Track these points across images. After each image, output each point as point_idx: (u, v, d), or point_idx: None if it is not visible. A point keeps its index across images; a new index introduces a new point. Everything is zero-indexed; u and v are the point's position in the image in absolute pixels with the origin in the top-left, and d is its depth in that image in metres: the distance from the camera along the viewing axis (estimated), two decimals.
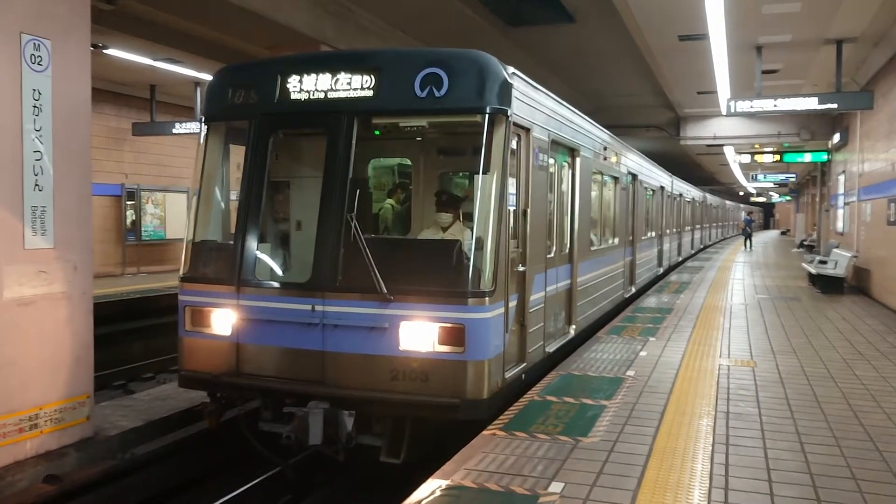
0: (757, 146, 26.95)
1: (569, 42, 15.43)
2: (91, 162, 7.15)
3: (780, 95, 14.96)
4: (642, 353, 8.83)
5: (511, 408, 6.38)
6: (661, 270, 19.69)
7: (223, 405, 6.82)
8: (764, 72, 15.32)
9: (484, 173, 6.05)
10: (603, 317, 11.24)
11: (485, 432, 5.69)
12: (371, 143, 8.45)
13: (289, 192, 7.98)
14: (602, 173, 11.15)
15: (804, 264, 19.48)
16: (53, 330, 6.70)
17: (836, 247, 18.60)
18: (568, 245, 8.96)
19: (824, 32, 13.54)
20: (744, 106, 14.94)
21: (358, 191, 6.28)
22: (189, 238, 6.93)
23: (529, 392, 6.92)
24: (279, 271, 7.31)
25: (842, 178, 21.39)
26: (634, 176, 14.49)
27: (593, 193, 10.47)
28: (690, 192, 28.37)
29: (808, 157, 25.88)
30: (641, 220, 15.85)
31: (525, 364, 6.94)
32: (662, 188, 19.42)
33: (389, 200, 9.22)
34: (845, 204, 20.54)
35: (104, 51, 14.08)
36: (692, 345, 9.51)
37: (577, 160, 9.17)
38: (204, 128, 7.04)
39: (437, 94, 6.12)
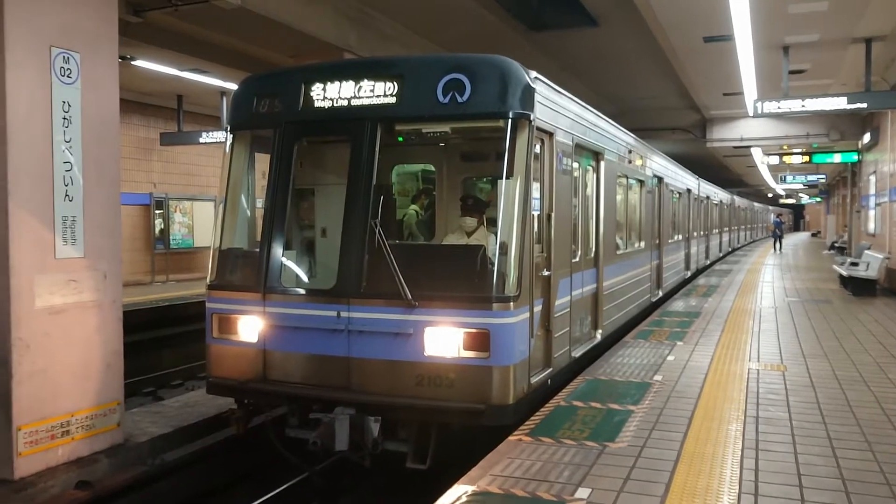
0: (785, 147, 26.61)
1: (592, 46, 15.37)
2: (120, 172, 7.26)
3: (808, 95, 14.77)
4: (670, 358, 8.75)
5: (537, 413, 6.35)
6: (689, 274, 19.48)
7: (250, 411, 6.87)
8: (791, 72, 15.14)
9: (507, 178, 6.04)
10: (630, 321, 11.14)
11: (511, 438, 5.66)
12: (395, 150, 8.46)
13: (313, 200, 8.03)
14: (627, 177, 11.07)
15: (835, 266, 19.19)
16: (84, 338, 6.80)
17: (868, 248, 18.29)
18: (593, 249, 8.89)
19: (853, 31, 13.35)
20: (771, 107, 14.77)
21: (382, 197, 6.32)
22: (216, 246, 6.99)
23: (556, 397, 6.88)
24: (305, 278, 7.35)
25: (873, 178, 21.06)
26: (660, 179, 14.34)
27: (618, 197, 10.40)
28: (718, 194, 28.00)
29: (837, 158, 25.53)
30: (668, 223, 15.69)
31: (551, 369, 6.90)
32: (689, 191, 19.23)
33: (413, 206, 9.23)
34: (877, 205, 20.20)
35: (132, 62, 14.28)
36: (721, 349, 9.40)
37: (602, 164, 9.10)
38: (229, 136, 7.11)
39: (459, 99, 6.13)
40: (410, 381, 5.96)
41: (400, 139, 7.40)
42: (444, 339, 5.90)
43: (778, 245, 36.99)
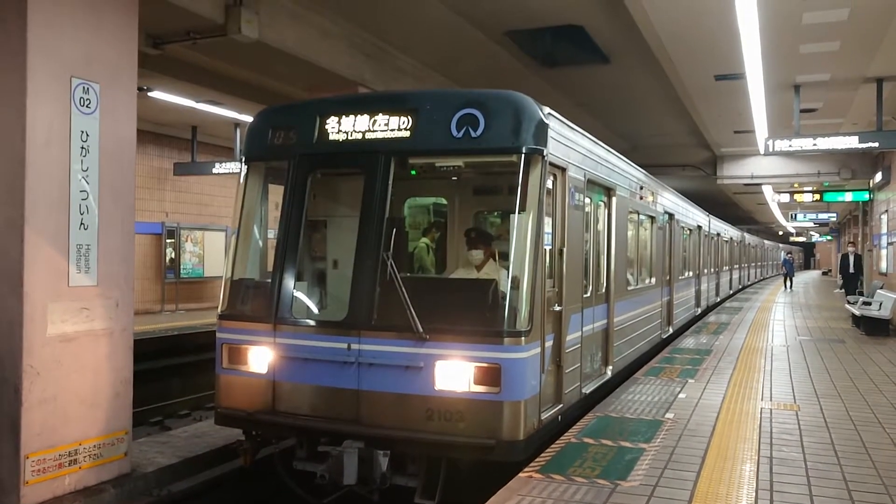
0: (796, 185, 26.62)
1: (604, 82, 15.48)
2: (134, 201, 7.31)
3: (819, 134, 14.82)
4: (681, 395, 8.66)
5: (548, 450, 6.28)
6: (699, 311, 19.36)
7: (258, 443, 6.84)
8: (802, 110, 15.20)
9: (520, 213, 6.04)
10: (640, 357, 11.06)
11: (521, 474, 5.60)
12: (407, 183, 8.53)
13: (326, 231, 8.07)
14: (638, 212, 11.08)
15: (847, 305, 19.04)
16: (94, 366, 6.79)
17: (881, 287, 18.16)
18: (605, 285, 8.85)
19: (864, 71, 13.42)
20: (782, 145, 14.82)
21: (394, 230, 6.35)
22: (227, 276, 7.02)
23: (566, 434, 6.81)
24: (315, 310, 7.34)
25: (885, 217, 21.00)
26: (671, 215, 14.34)
27: (629, 233, 10.40)
28: (728, 231, 27.99)
29: (849, 197, 25.53)
30: (678, 259, 15.64)
31: (562, 405, 6.85)
32: (699, 227, 19.20)
33: (424, 239, 9.24)
34: (889, 244, 20.11)
35: (149, 93, 14.47)
36: (733, 387, 9.30)
37: (613, 199, 9.11)
38: (244, 167, 7.17)
39: (473, 134, 6.16)
40: (420, 414, 5.92)
41: (413, 172, 7.44)
42: (455, 373, 5.87)
43: (788, 283, 36.80)
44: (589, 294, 8.01)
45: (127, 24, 7.09)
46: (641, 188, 11.16)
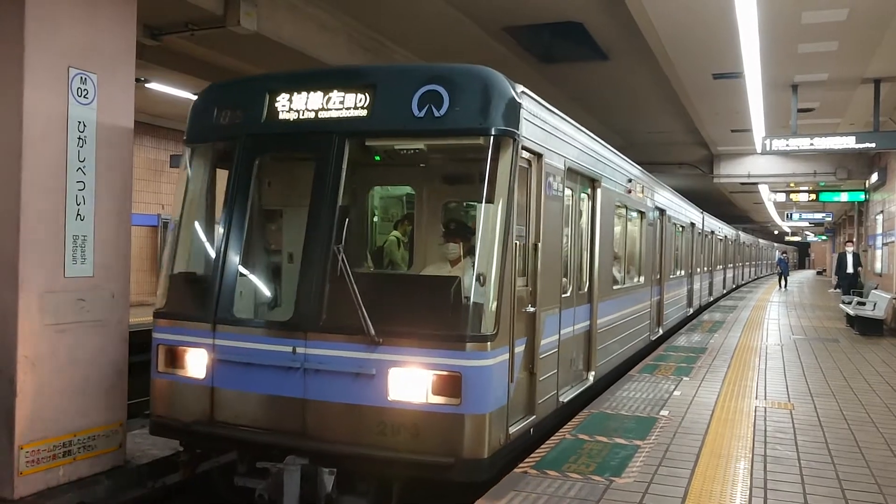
0: (792, 185, 26.71)
1: (602, 79, 15.49)
2: (132, 193, 7.28)
3: (816, 134, 14.88)
4: (676, 393, 8.69)
5: (543, 446, 6.28)
6: (692, 311, 19.04)
7: (199, 455, 6.25)
8: (800, 110, 15.25)
9: (487, 202, 5.43)
10: (627, 361, 10.56)
11: (516, 470, 5.61)
12: (372, 170, 7.87)
13: (280, 222, 7.46)
14: (626, 207, 10.50)
15: (842, 305, 19.10)
16: (89, 357, 6.77)
17: (875, 287, 18.23)
18: (587, 283, 8.29)
19: (862, 72, 13.45)
20: (779, 144, 14.87)
21: (347, 220, 5.69)
22: (167, 270, 6.45)
23: (561, 430, 6.82)
24: (261, 308, 6.75)
25: (880, 217, 21.06)
26: (662, 211, 13.82)
27: (616, 228, 9.83)
28: (723, 229, 27.77)
29: (844, 197, 25.61)
30: (670, 257, 15.11)
31: (534, 417, 6.25)
32: (693, 225, 18.79)
33: (395, 233, 8.73)
34: (884, 244, 20.18)
35: (146, 84, 14.41)
36: (727, 385, 9.33)
37: (598, 191, 8.51)
38: (187, 150, 6.57)
39: (436, 113, 5.54)
40: (371, 428, 5.30)
41: (377, 158, 6.88)
42: (411, 381, 5.25)
43: (783, 282, 36.92)
44: (569, 294, 7.44)
45: (125, 15, 7.05)
46: (630, 181, 10.54)
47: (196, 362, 5.97)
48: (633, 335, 11.01)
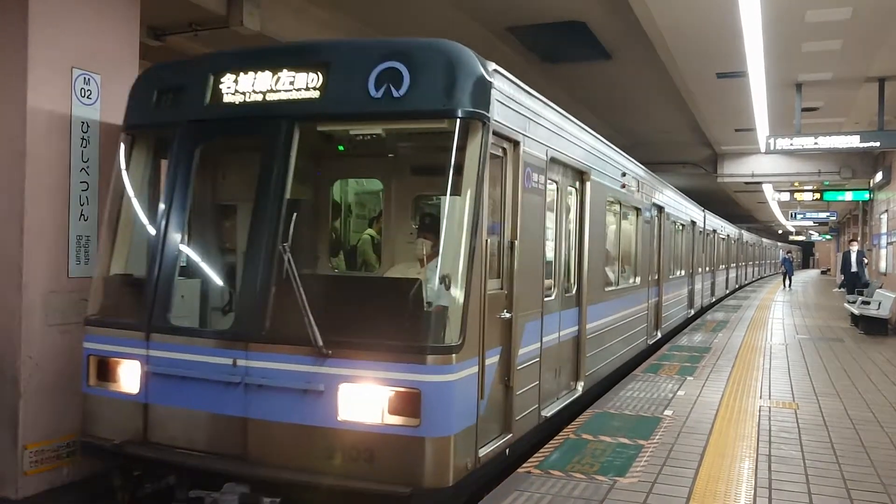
0: (796, 184, 26.67)
1: (605, 79, 15.48)
2: None
3: (820, 133, 14.86)
4: (680, 393, 8.67)
5: (546, 445, 6.27)
6: (692, 312, 18.46)
7: (136, 479, 5.55)
8: (804, 109, 15.22)
9: (453, 194, 4.84)
10: (622, 367, 9.94)
11: (520, 470, 5.60)
12: (335, 161, 7.31)
13: (235, 219, 6.92)
14: (620, 203, 9.77)
15: (846, 304, 19.06)
16: None
17: (880, 287, 18.18)
18: (575, 285, 7.64)
19: (866, 71, 13.43)
20: (783, 143, 14.85)
21: (295, 215, 5.07)
22: (99, 272, 5.87)
23: (565, 430, 6.81)
24: (215, 315, 6.30)
25: (884, 217, 21.02)
26: (661, 208, 13.12)
27: (609, 226, 9.14)
28: (725, 228, 27.18)
29: (849, 196, 25.59)
30: (669, 257, 14.41)
31: (510, 435, 5.59)
32: (694, 223, 18.17)
33: (370, 230, 8.27)
34: (889, 243, 20.13)
35: None
36: (731, 385, 9.31)
37: (588, 185, 7.80)
38: (124, 139, 5.99)
39: (395, 93, 4.93)
40: (320, 452, 4.73)
41: (341, 148, 6.34)
42: (364, 399, 4.65)
43: (787, 282, 36.85)
44: (553, 297, 6.84)
45: (129, 16, 7.06)
46: (624, 175, 9.80)
47: (128, 375, 5.42)
48: (628, 340, 10.39)
